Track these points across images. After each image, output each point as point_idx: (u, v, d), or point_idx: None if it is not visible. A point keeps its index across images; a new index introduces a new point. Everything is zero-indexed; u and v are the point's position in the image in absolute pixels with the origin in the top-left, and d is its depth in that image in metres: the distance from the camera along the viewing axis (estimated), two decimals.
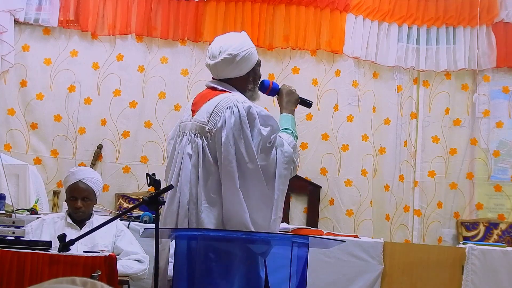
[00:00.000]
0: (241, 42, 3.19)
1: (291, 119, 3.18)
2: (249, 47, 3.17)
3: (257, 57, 3.20)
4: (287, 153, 3.05)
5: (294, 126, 3.17)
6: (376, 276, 4.81)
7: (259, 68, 3.23)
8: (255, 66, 3.19)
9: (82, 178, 4.21)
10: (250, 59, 3.16)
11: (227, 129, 3.00)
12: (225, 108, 3.05)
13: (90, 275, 3.33)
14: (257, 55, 3.21)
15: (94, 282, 1.13)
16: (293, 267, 2.81)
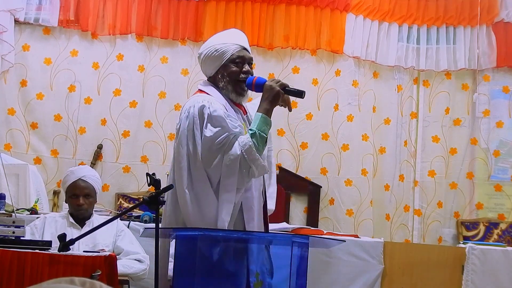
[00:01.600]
0: (211, 40, 3.24)
1: (260, 117, 2.98)
2: (213, 44, 3.16)
3: (230, 54, 3.11)
4: (232, 155, 2.90)
5: (262, 125, 2.95)
6: (376, 276, 4.82)
7: (233, 65, 3.11)
8: (226, 63, 3.11)
9: (82, 176, 4.23)
10: (215, 57, 3.12)
11: (180, 130, 3.03)
12: (185, 109, 3.07)
13: (90, 275, 3.33)
14: (231, 51, 3.12)
15: (93, 282, 1.13)
16: (293, 267, 2.81)
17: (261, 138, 2.94)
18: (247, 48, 3.20)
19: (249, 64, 3.16)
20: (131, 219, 4.57)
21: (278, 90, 3.00)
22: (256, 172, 2.94)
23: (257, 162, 2.92)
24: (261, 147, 2.93)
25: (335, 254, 4.71)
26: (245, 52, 3.17)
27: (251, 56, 3.20)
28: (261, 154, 2.94)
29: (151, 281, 3.03)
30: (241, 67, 3.12)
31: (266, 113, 2.99)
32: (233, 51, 3.13)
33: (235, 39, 3.20)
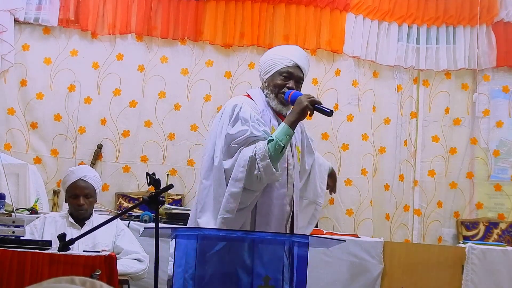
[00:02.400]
0: (272, 49, 3.46)
1: (282, 127, 3.08)
2: (271, 54, 3.36)
3: (281, 66, 3.26)
4: (245, 156, 3.02)
5: (282, 135, 3.04)
6: (376, 276, 4.82)
7: (280, 77, 3.26)
8: (275, 74, 3.26)
9: (83, 176, 4.22)
10: (268, 66, 3.29)
11: (213, 124, 3.26)
12: (223, 106, 3.28)
13: (90, 274, 3.33)
14: (283, 64, 3.27)
15: (93, 281, 1.13)
16: (293, 266, 2.81)
17: (277, 146, 3.02)
18: (302, 67, 3.32)
19: (297, 82, 3.29)
20: (131, 219, 4.58)
21: (306, 105, 3.11)
22: (265, 177, 3.01)
23: (266, 167, 3.00)
24: (275, 154, 3.01)
25: (335, 254, 4.71)
26: (296, 69, 3.29)
27: (300, 76, 3.32)
28: (274, 161, 3.01)
29: (151, 280, 3.03)
30: (287, 82, 3.25)
31: (289, 124, 3.09)
32: (284, 64, 3.27)
33: (292, 55, 3.33)
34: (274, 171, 3.01)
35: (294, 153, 3.26)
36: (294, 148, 3.27)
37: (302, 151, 3.37)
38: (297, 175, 3.25)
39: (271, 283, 2.87)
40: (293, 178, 3.22)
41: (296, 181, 3.24)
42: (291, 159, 3.21)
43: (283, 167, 3.15)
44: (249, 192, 3.06)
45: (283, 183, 3.16)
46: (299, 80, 3.31)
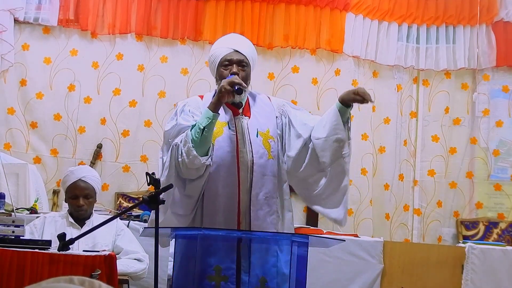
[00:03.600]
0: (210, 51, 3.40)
1: (204, 111, 3.07)
2: (209, 57, 3.34)
3: (219, 58, 3.22)
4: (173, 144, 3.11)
5: (202, 118, 3.04)
6: (376, 275, 4.82)
7: (222, 68, 3.22)
8: (218, 67, 3.24)
9: (82, 177, 4.22)
10: (211, 62, 3.30)
11: None
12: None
13: (90, 274, 3.33)
14: (221, 55, 3.22)
15: (92, 281, 1.13)
16: (293, 266, 2.81)
17: (198, 129, 3.01)
18: (240, 50, 3.24)
19: (240, 66, 3.21)
20: (130, 219, 4.57)
21: (221, 85, 3.07)
22: (187, 161, 3.02)
23: (187, 151, 3.01)
24: (195, 137, 3.01)
25: (335, 254, 4.71)
26: (234, 54, 3.22)
27: (241, 59, 3.22)
28: (197, 144, 3.00)
29: (151, 280, 3.03)
30: (229, 69, 3.20)
31: (209, 107, 3.07)
32: (223, 54, 3.23)
33: (227, 43, 3.30)
34: (195, 154, 2.99)
35: (254, 139, 3.18)
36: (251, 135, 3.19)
37: (276, 137, 3.26)
38: (258, 162, 3.14)
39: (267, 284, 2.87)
40: (248, 165, 3.13)
41: (257, 168, 3.14)
42: (243, 146, 3.15)
43: (231, 155, 3.12)
44: (191, 182, 3.09)
45: (232, 172, 3.11)
46: (241, 63, 3.21)
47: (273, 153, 3.22)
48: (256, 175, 3.14)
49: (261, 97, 3.37)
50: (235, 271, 2.88)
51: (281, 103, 3.39)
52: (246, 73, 3.22)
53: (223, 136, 3.17)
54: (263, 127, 3.24)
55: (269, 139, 3.23)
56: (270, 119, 3.29)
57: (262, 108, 3.31)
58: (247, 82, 3.23)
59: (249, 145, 3.17)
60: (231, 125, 3.19)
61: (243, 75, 3.19)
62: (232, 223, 3.08)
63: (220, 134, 3.17)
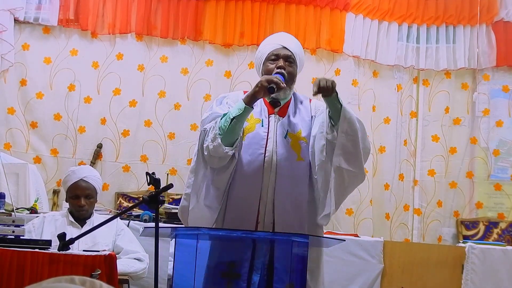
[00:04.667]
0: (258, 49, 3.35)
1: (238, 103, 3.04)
2: (256, 54, 3.30)
3: (267, 53, 3.19)
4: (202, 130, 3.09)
5: (234, 109, 3.00)
6: (376, 275, 4.81)
7: (268, 62, 3.17)
8: (265, 61, 3.19)
9: (84, 177, 4.21)
10: (258, 58, 3.26)
11: None
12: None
13: (90, 274, 3.33)
14: (268, 50, 3.19)
15: (93, 281, 1.13)
16: (293, 266, 2.81)
17: (227, 118, 2.98)
18: (288, 47, 3.21)
19: (287, 60, 3.17)
20: (130, 218, 4.57)
21: (260, 80, 3.02)
22: (212, 148, 2.98)
23: (213, 138, 2.98)
24: (224, 126, 2.98)
25: (335, 254, 4.71)
26: (281, 50, 3.19)
27: (288, 54, 3.18)
28: (224, 132, 2.97)
29: (151, 280, 3.03)
30: (276, 63, 3.15)
31: (243, 99, 3.03)
32: (270, 49, 3.19)
33: (275, 40, 3.27)
34: (220, 142, 2.95)
35: (282, 140, 3.11)
36: (281, 134, 3.12)
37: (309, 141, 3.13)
38: (283, 164, 3.06)
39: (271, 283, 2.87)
40: (272, 166, 3.06)
41: (281, 170, 3.06)
42: (271, 146, 3.08)
43: (258, 152, 3.06)
44: (218, 174, 3.05)
45: (258, 171, 3.05)
46: (288, 58, 3.17)
47: (303, 156, 3.11)
48: (281, 177, 3.06)
49: (302, 99, 3.30)
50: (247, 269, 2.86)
51: (320, 104, 3.26)
52: (293, 70, 3.19)
53: (254, 133, 3.11)
54: (295, 128, 3.15)
55: (300, 140, 3.13)
56: (304, 120, 3.19)
57: (298, 109, 3.23)
58: (292, 80, 3.19)
59: (275, 145, 3.09)
60: (264, 123, 3.14)
61: (290, 71, 3.15)
62: (251, 222, 3.02)
63: (252, 130, 3.12)
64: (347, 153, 3.00)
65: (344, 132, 3.00)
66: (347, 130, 3.00)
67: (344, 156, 3.00)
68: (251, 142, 3.09)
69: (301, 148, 3.11)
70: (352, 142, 3.01)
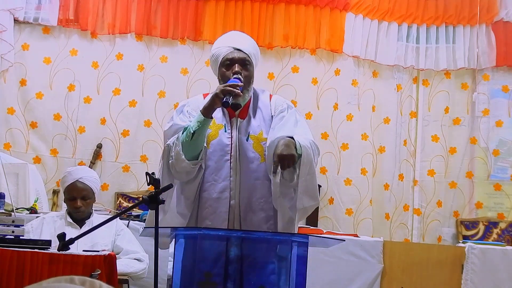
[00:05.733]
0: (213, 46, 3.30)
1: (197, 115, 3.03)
2: (210, 56, 3.24)
3: (221, 57, 3.13)
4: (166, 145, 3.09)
5: (194, 122, 3.00)
6: (376, 275, 4.81)
7: (223, 68, 3.12)
8: (220, 67, 3.14)
9: (80, 178, 4.20)
10: (212, 62, 3.21)
11: None
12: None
13: (90, 274, 3.33)
14: (222, 55, 3.13)
15: (92, 281, 1.13)
16: (293, 266, 2.81)
17: (188, 132, 2.98)
18: (242, 48, 3.14)
19: (242, 64, 3.11)
20: (130, 219, 4.57)
21: (215, 92, 2.99)
22: (176, 165, 3.00)
23: (176, 154, 2.99)
24: (186, 141, 2.98)
25: (335, 254, 4.71)
26: (236, 53, 3.12)
27: (242, 57, 3.12)
28: (186, 148, 2.98)
29: (151, 280, 3.03)
30: (232, 68, 3.10)
31: (201, 110, 3.02)
32: (224, 53, 3.14)
33: (227, 41, 3.21)
34: (183, 158, 2.96)
35: (244, 143, 3.10)
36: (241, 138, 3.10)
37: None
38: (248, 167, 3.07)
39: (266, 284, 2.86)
40: (237, 171, 3.06)
41: (246, 173, 3.07)
42: (234, 151, 3.07)
43: (224, 159, 3.07)
44: (187, 183, 3.07)
45: (224, 176, 3.05)
46: (243, 62, 3.11)
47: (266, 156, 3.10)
48: (246, 180, 3.07)
49: (262, 96, 3.26)
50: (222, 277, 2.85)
51: (280, 102, 3.26)
52: (249, 72, 3.14)
53: (218, 140, 3.11)
54: (256, 130, 3.15)
55: (262, 141, 3.12)
56: (265, 121, 3.18)
57: (259, 108, 3.22)
58: (250, 81, 3.15)
59: (238, 150, 3.09)
60: (227, 128, 3.13)
61: (246, 74, 3.10)
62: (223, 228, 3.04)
63: (215, 137, 3.12)
64: (309, 191, 3.04)
65: (305, 175, 3.01)
66: (308, 171, 3.02)
67: (307, 195, 3.03)
68: (216, 149, 3.10)
69: (263, 149, 3.11)
70: (312, 178, 3.05)
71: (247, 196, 3.07)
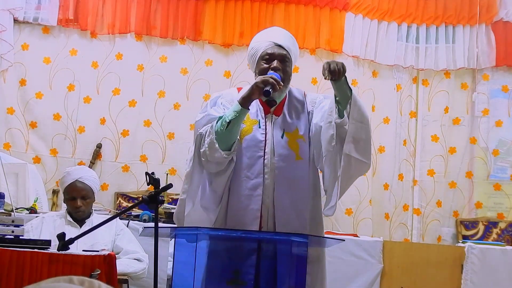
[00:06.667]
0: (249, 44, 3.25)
1: (234, 105, 2.97)
2: (249, 50, 3.19)
3: (261, 51, 3.09)
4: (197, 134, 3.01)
5: (230, 111, 2.93)
6: (376, 275, 4.82)
7: (262, 62, 3.08)
8: (258, 60, 3.10)
9: (79, 178, 4.21)
10: (250, 56, 3.16)
11: None
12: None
13: (90, 274, 3.33)
14: (262, 48, 3.10)
15: (91, 281, 1.12)
16: (293, 266, 2.81)
17: (223, 122, 2.91)
18: (282, 44, 3.11)
19: (282, 61, 3.07)
20: (130, 218, 4.57)
21: (255, 82, 2.96)
22: (209, 154, 2.93)
23: (210, 143, 2.91)
24: (220, 130, 2.90)
25: (335, 254, 4.70)
26: (277, 49, 3.09)
27: (283, 53, 3.09)
28: (220, 137, 2.90)
29: (150, 280, 3.03)
30: (270, 64, 3.06)
31: (239, 100, 2.96)
32: (264, 48, 3.10)
33: (269, 36, 3.17)
34: (217, 147, 2.89)
35: (279, 141, 3.04)
36: (277, 135, 3.05)
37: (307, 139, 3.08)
38: (282, 165, 3.00)
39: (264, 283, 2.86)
40: (271, 168, 2.99)
41: (280, 171, 3.00)
42: (269, 148, 3.01)
43: (257, 155, 3.00)
44: (216, 177, 2.99)
45: (257, 173, 2.98)
46: (283, 59, 3.08)
47: (302, 154, 3.04)
48: (280, 178, 3.00)
49: (297, 94, 3.21)
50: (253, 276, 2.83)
51: (315, 96, 3.24)
52: (288, 69, 3.11)
53: (252, 135, 3.04)
54: (291, 127, 3.08)
55: (297, 139, 3.07)
56: (300, 118, 3.12)
57: (294, 106, 3.15)
58: (288, 78, 3.11)
59: (273, 147, 3.03)
60: (261, 124, 3.07)
61: (285, 71, 3.07)
62: (254, 227, 2.97)
63: (249, 133, 3.04)
64: (358, 141, 2.93)
65: (355, 119, 2.94)
66: (358, 117, 2.94)
67: (355, 144, 2.93)
68: (249, 145, 3.02)
69: (299, 146, 3.05)
70: (364, 130, 2.96)
71: (280, 195, 2.99)
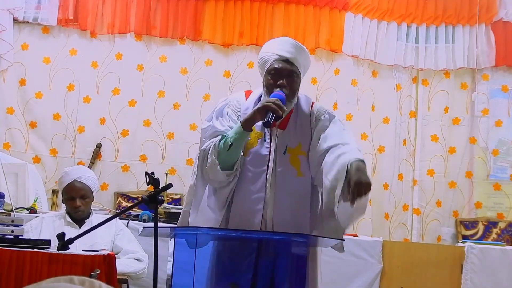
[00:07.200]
0: (263, 46, 3.21)
1: (236, 125, 2.93)
2: (259, 59, 3.13)
3: (268, 64, 3.03)
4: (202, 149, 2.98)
5: (232, 132, 2.90)
6: (375, 275, 4.82)
7: (268, 77, 3.02)
8: (265, 74, 3.05)
9: (77, 177, 4.20)
10: (260, 66, 3.12)
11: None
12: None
13: (89, 274, 3.33)
14: (269, 62, 3.03)
15: (92, 280, 1.12)
16: (292, 266, 2.81)
17: (225, 143, 2.89)
18: (290, 58, 3.04)
19: (289, 77, 3.03)
20: (130, 218, 4.57)
21: (258, 107, 2.91)
22: (210, 173, 2.92)
23: (211, 163, 2.90)
24: (222, 151, 2.89)
25: (334, 253, 4.68)
26: (284, 63, 3.03)
27: (290, 69, 3.03)
28: (221, 158, 2.89)
29: (150, 280, 3.03)
30: (277, 80, 3.01)
31: (241, 123, 2.93)
32: (271, 61, 3.04)
33: (277, 49, 3.08)
34: (218, 169, 2.88)
35: (281, 156, 3.00)
36: (280, 150, 3.01)
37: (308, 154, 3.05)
38: (283, 181, 2.98)
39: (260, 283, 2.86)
40: (272, 184, 2.96)
41: (281, 186, 2.98)
42: (272, 163, 2.98)
43: (260, 169, 2.97)
44: (220, 188, 2.98)
45: (259, 188, 2.96)
46: (290, 74, 3.03)
47: (303, 171, 3.01)
48: (281, 194, 2.98)
49: (304, 106, 3.16)
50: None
51: (321, 112, 3.17)
52: (295, 84, 3.08)
53: (256, 149, 3.01)
54: (294, 142, 3.04)
55: (299, 154, 3.03)
56: (304, 132, 3.08)
57: (300, 119, 3.10)
58: (295, 93, 3.08)
59: (274, 162, 3.00)
60: (266, 137, 3.03)
61: (291, 87, 3.04)
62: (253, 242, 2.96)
63: (254, 146, 3.01)
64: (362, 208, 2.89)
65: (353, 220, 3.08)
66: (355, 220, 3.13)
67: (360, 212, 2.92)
68: (254, 158, 3.00)
69: (300, 163, 3.02)
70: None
71: (280, 211, 2.97)
